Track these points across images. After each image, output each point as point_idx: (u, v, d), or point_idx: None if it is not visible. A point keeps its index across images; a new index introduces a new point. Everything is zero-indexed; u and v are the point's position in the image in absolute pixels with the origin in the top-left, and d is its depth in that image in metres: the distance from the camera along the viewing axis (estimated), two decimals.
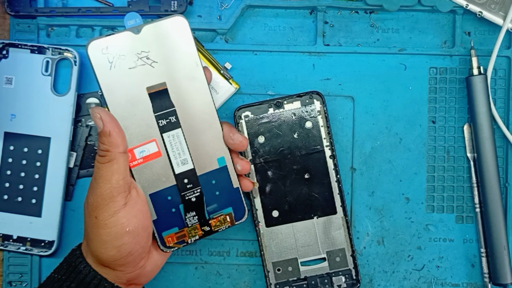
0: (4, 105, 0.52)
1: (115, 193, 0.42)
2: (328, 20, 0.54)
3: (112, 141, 0.42)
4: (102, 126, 0.42)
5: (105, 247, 0.42)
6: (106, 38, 0.42)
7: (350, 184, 0.54)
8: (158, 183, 0.45)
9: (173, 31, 0.43)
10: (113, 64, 0.42)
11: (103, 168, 0.42)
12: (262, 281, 0.53)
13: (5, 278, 0.53)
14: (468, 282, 0.54)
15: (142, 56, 0.43)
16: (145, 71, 0.43)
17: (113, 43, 0.42)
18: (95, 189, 0.42)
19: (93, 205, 0.42)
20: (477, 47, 0.54)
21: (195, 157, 0.45)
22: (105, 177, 0.42)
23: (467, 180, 0.54)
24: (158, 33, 0.43)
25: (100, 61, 0.42)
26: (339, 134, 0.54)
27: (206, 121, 0.45)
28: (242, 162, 0.47)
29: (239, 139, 0.46)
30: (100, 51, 0.42)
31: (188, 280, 0.54)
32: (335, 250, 0.52)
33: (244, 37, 0.54)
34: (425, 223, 0.54)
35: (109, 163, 0.42)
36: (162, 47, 0.43)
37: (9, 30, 0.54)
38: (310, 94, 0.52)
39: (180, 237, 0.46)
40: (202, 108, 0.45)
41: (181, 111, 0.44)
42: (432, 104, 0.54)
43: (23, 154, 0.52)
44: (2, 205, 0.52)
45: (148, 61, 0.43)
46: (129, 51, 0.43)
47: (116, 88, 0.43)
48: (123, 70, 0.43)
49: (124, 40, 0.42)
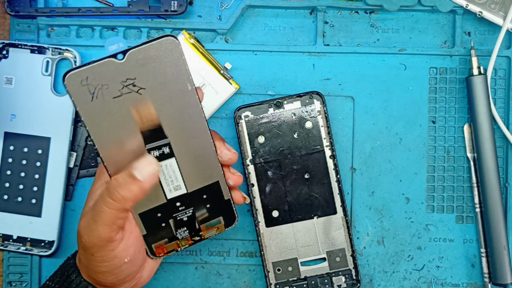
0: (4, 105, 0.52)
1: (113, 234, 0.39)
2: (328, 20, 0.54)
3: (137, 198, 0.39)
4: (147, 179, 0.39)
5: (103, 276, 0.41)
6: (85, 68, 0.37)
7: (350, 184, 0.54)
8: (149, 203, 0.43)
9: (162, 54, 0.39)
10: (95, 94, 0.38)
11: (108, 213, 0.39)
12: (262, 281, 0.53)
13: (5, 278, 0.53)
14: (468, 282, 0.54)
15: (127, 83, 0.39)
16: (131, 99, 0.39)
17: (94, 72, 0.38)
18: (93, 230, 0.39)
19: (89, 245, 0.39)
20: (477, 47, 0.54)
21: (187, 178, 0.43)
22: (106, 221, 0.39)
23: (467, 180, 0.54)
24: (145, 58, 0.39)
25: (80, 92, 0.38)
26: (339, 134, 0.54)
27: (200, 142, 0.42)
28: (234, 177, 0.45)
29: (227, 156, 0.44)
30: (79, 83, 0.37)
31: (188, 280, 0.54)
32: (335, 250, 0.52)
33: (244, 37, 0.54)
34: (425, 223, 0.54)
35: (117, 211, 0.39)
36: (150, 72, 0.39)
37: (9, 30, 0.54)
38: (310, 94, 0.52)
39: (170, 246, 0.45)
40: (195, 130, 0.42)
41: (175, 139, 0.41)
42: (432, 104, 0.54)
43: (23, 154, 0.52)
44: (2, 205, 0.52)
45: (135, 88, 0.39)
46: (112, 79, 0.38)
47: (100, 120, 0.39)
48: (106, 100, 0.38)
49: (106, 69, 0.38)
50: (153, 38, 0.39)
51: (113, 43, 0.39)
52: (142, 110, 0.40)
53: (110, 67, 0.38)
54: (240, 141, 0.51)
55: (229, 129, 0.54)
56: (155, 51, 0.39)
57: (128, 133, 0.40)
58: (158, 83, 0.39)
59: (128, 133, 0.40)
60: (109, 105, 0.38)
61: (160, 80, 0.39)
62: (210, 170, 0.44)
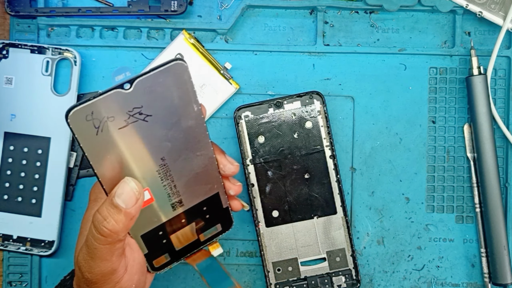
0: (4, 105, 0.52)
1: (115, 264, 0.37)
2: (328, 20, 0.54)
3: (128, 226, 0.36)
4: (130, 206, 0.36)
5: None
6: (90, 103, 0.35)
7: (350, 184, 0.54)
8: (150, 224, 0.41)
9: (171, 79, 0.37)
10: (100, 128, 0.35)
11: (102, 249, 0.36)
12: (262, 281, 0.53)
13: (5, 278, 0.53)
14: (468, 282, 0.54)
15: (134, 113, 0.36)
16: (137, 127, 0.37)
17: (100, 106, 0.35)
18: (93, 267, 0.37)
19: (93, 280, 0.37)
20: (477, 47, 0.54)
21: (188, 194, 0.42)
22: (103, 257, 0.36)
23: (467, 180, 0.54)
24: (153, 85, 0.36)
25: (84, 128, 0.35)
26: (339, 134, 0.54)
27: (202, 159, 0.41)
28: (234, 188, 0.44)
29: (231, 170, 0.43)
30: (84, 118, 0.35)
31: (188, 280, 0.54)
32: (335, 250, 0.52)
33: (244, 37, 0.54)
34: (425, 223, 0.54)
35: (111, 244, 0.36)
36: (158, 98, 0.37)
37: (9, 30, 0.54)
38: (310, 94, 0.52)
39: (171, 260, 0.44)
40: (199, 148, 0.41)
41: (176, 159, 0.40)
42: (432, 104, 0.54)
43: (23, 154, 0.52)
44: (2, 205, 0.52)
45: (141, 116, 0.37)
46: (119, 111, 0.36)
47: (104, 153, 0.36)
48: (112, 132, 0.36)
49: (113, 100, 0.35)
50: (161, 64, 0.36)
51: (119, 73, 0.37)
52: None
53: (117, 98, 0.35)
54: (240, 141, 0.51)
55: (229, 129, 0.54)
56: (163, 77, 0.36)
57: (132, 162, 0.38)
58: (164, 108, 0.37)
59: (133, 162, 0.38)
60: (114, 136, 0.36)
61: (167, 105, 0.37)
62: (211, 184, 0.43)
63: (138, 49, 0.53)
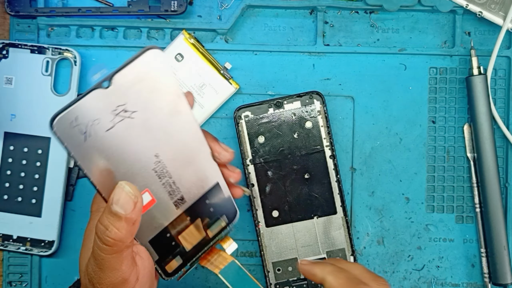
0: (4, 105, 0.52)
1: (126, 275, 0.36)
2: (328, 20, 0.54)
3: (132, 232, 0.35)
4: (130, 211, 0.35)
5: None
6: (72, 108, 0.33)
7: (350, 184, 0.54)
8: (156, 228, 0.40)
9: (148, 69, 0.36)
10: (88, 133, 0.34)
11: (109, 259, 0.35)
12: (262, 281, 0.53)
13: (5, 278, 0.53)
14: (468, 282, 0.54)
15: (118, 111, 0.35)
16: (125, 126, 0.36)
17: (82, 109, 0.34)
18: (103, 278, 0.36)
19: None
20: (477, 47, 0.54)
21: (188, 189, 0.41)
22: (112, 267, 0.35)
23: (467, 180, 0.54)
24: (132, 77, 0.35)
25: (71, 135, 0.34)
26: (339, 134, 0.54)
27: (195, 149, 0.40)
28: (234, 175, 0.43)
29: (226, 157, 0.42)
30: (69, 125, 0.34)
31: (188, 280, 0.54)
32: (335, 250, 0.52)
33: (244, 37, 0.54)
34: (425, 223, 0.54)
35: (118, 253, 0.35)
36: (139, 91, 0.36)
37: (9, 30, 0.54)
38: (310, 94, 0.52)
39: (184, 264, 0.43)
40: (190, 138, 0.40)
41: (170, 153, 0.39)
42: (432, 104, 0.54)
43: (23, 154, 0.52)
44: (2, 205, 0.52)
45: (127, 113, 0.36)
46: (103, 111, 0.35)
47: (96, 158, 0.35)
48: (100, 136, 0.35)
49: (94, 101, 0.34)
50: (135, 55, 0.35)
51: (95, 71, 0.36)
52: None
53: (98, 98, 0.34)
54: (240, 141, 0.51)
55: (229, 129, 0.54)
56: (140, 67, 0.35)
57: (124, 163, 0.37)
58: (148, 101, 0.36)
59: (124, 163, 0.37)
60: (103, 140, 0.35)
61: (150, 97, 0.36)
62: (209, 174, 0.42)
63: (138, 49, 0.53)
